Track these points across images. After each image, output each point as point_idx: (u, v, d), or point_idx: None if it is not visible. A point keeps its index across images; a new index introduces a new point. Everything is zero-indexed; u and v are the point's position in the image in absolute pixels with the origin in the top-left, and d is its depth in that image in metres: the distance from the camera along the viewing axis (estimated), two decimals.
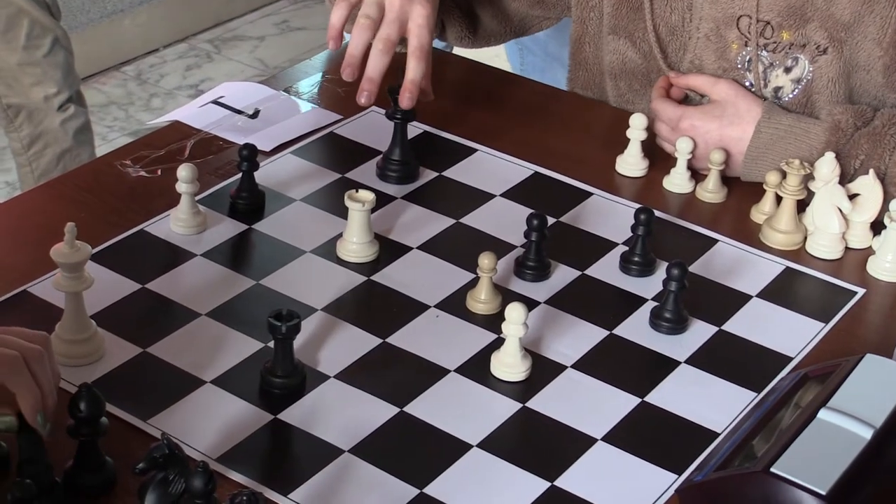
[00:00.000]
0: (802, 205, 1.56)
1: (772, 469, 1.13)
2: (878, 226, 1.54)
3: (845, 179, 1.55)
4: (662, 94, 1.70)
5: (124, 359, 1.32)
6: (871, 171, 1.53)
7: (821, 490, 1.11)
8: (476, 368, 1.33)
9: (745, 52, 1.67)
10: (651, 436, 1.27)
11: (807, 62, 1.65)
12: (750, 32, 1.66)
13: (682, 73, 1.71)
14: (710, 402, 1.31)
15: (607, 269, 1.49)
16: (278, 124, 1.72)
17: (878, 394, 1.22)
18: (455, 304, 1.42)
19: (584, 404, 1.30)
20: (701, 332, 1.41)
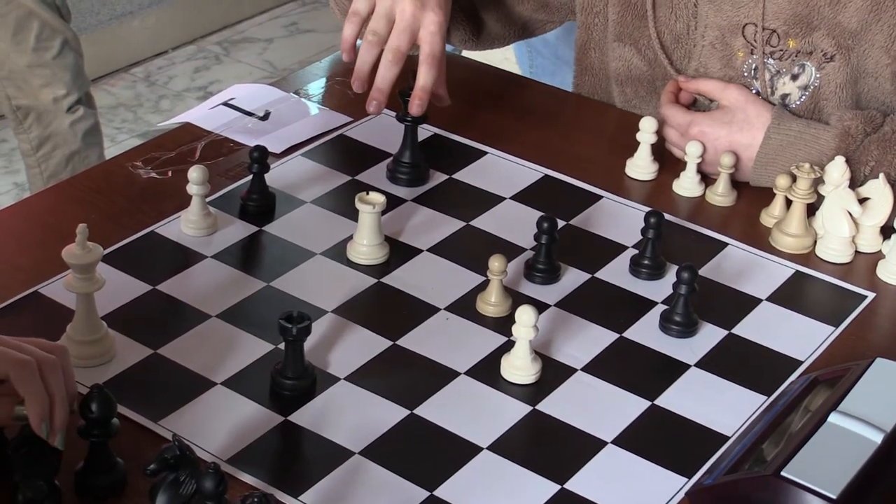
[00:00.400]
0: (812, 208, 1.56)
1: (782, 473, 1.13)
2: (888, 230, 1.54)
3: (855, 185, 1.54)
4: (671, 98, 1.70)
5: (135, 360, 1.32)
6: (882, 175, 1.53)
7: (831, 494, 1.11)
8: (486, 371, 1.34)
9: (751, 60, 1.67)
10: (661, 439, 1.27)
11: (814, 69, 1.64)
12: (756, 40, 1.66)
13: (691, 78, 1.71)
14: (720, 406, 1.31)
15: (617, 272, 1.49)
16: (289, 126, 1.72)
17: (889, 398, 1.22)
18: (465, 306, 1.42)
19: (594, 407, 1.30)
20: (711, 336, 1.41)
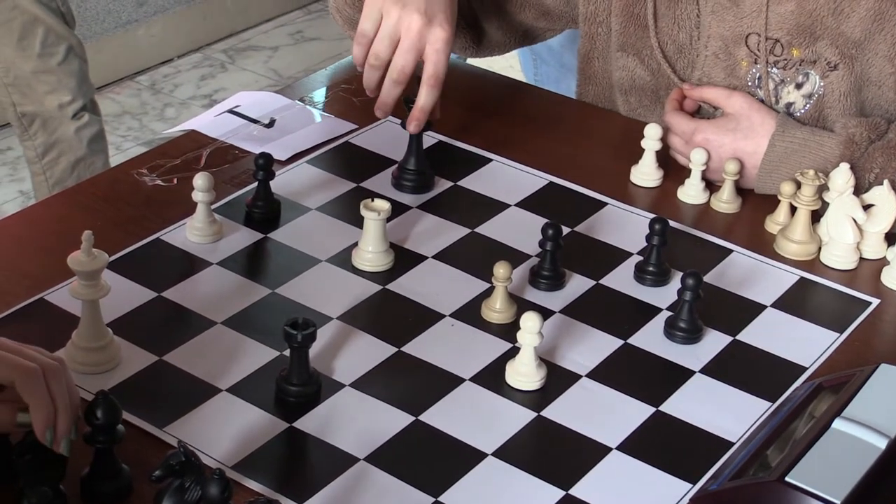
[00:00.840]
0: (817, 215, 1.56)
1: (786, 478, 1.13)
2: (892, 236, 1.54)
3: (860, 192, 1.54)
4: (676, 106, 1.70)
5: (140, 367, 1.32)
6: (886, 181, 1.53)
7: (835, 500, 1.11)
8: (491, 377, 1.34)
9: (754, 70, 1.67)
10: (665, 445, 1.27)
11: (817, 78, 1.64)
12: (759, 50, 1.66)
13: (696, 85, 1.71)
14: (725, 412, 1.31)
15: (622, 279, 1.49)
16: (294, 134, 1.72)
17: (893, 404, 1.22)
18: (470, 313, 1.42)
19: (599, 413, 1.30)
20: (715, 342, 1.41)
